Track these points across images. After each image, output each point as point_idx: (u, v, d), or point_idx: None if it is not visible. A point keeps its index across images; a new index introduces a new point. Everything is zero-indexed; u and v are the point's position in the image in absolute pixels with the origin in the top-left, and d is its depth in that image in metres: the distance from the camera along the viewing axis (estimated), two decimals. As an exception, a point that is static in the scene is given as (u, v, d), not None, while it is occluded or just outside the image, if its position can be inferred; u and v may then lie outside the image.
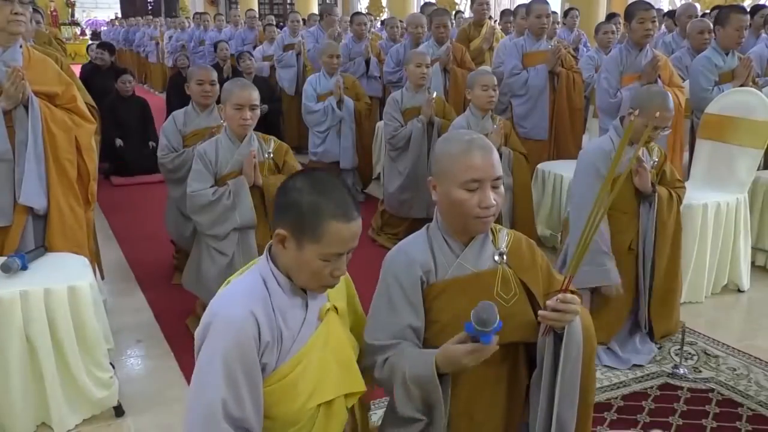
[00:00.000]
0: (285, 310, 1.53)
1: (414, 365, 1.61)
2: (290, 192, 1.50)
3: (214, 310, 1.50)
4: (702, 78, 4.34)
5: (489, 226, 1.73)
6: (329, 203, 1.46)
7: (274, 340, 1.50)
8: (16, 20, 2.65)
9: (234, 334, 1.44)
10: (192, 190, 3.06)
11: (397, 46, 6.17)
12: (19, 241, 2.76)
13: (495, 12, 13.99)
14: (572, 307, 1.57)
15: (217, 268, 3.05)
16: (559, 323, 1.59)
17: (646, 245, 3.00)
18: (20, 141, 2.73)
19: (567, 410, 1.65)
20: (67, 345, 2.46)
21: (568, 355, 1.61)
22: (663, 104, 2.86)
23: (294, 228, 1.48)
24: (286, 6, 22.89)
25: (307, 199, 1.47)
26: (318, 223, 1.46)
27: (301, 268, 1.51)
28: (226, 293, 1.55)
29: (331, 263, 1.51)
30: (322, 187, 1.48)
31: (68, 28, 22.99)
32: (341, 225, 1.47)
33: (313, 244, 1.47)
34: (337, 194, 1.48)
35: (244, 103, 3.00)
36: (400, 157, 4.55)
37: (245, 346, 1.44)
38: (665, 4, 13.49)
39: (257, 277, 1.54)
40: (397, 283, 1.69)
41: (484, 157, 1.66)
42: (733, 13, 4.31)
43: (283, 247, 1.51)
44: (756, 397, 2.76)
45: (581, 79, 4.99)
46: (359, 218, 1.51)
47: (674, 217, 3.08)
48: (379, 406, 2.63)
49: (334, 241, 1.47)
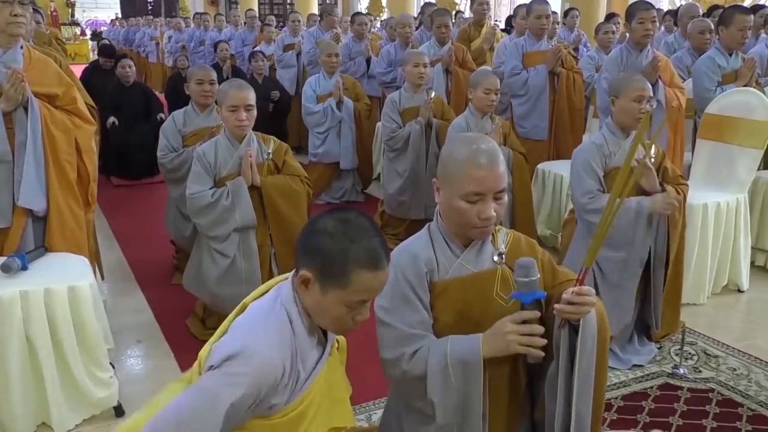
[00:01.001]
0: (305, 351, 1.51)
1: (457, 346, 1.61)
2: (319, 235, 1.44)
3: (246, 344, 1.42)
4: (705, 78, 4.34)
5: (488, 235, 1.74)
6: (359, 251, 1.41)
7: (290, 381, 1.47)
8: (16, 22, 2.65)
9: (258, 381, 1.39)
10: (191, 192, 3.06)
11: (388, 47, 6.15)
12: (19, 242, 2.76)
13: (495, 12, 14.00)
14: (588, 299, 1.58)
15: (219, 270, 3.05)
16: (575, 316, 1.59)
17: (658, 244, 3.00)
18: (20, 142, 2.72)
19: (583, 405, 1.64)
20: (67, 345, 2.46)
21: (584, 347, 1.61)
22: (637, 81, 2.95)
23: (320, 272, 1.43)
24: (286, 6, 22.90)
25: (337, 246, 1.42)
26: (346, 271, 1.41)
27: (324, 312, 1.48)
28: (256, 327, 1.47)
29: (356, 309, 1.47)
30: (353, 234, 1.43)
31: (68, 29, 22.98)
32: (370, 274, 1.42)
33: (339, 290, 1.43)
34: (369, 241, 1.43)
35: (240, 104, 2.99)
36: (399, 159, 4.55)
37: (257, 393, 1.41)
38: (665, 4, 13.49)
39: (284, 315, 1.48)
40: (405, 280, 1.70)
41: (489, 168, 1.64)
42: (737, 14, 4.30)
43: (306, 288, 1.47)
44: (756, 397, 2.76)
45: (581, 79, 4.99)
46: (388, 265, 1.47)
47: (682, 215, 3.08)
48: (379, 406, 2.63)
49: (362, 289, 1.43)
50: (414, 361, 1.65)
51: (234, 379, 1.38)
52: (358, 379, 2.85)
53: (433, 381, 1.62)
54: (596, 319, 1.63)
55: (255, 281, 3.04)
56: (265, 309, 1.50)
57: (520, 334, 1.59)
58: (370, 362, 2.95)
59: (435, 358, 1.62)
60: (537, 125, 4.87)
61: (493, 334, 1.61)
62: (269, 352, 1.41)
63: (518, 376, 1.77)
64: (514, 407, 1.77)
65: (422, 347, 1.65)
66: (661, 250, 2.97)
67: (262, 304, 1.53)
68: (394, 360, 1.68)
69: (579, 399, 1.63)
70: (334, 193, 5.69)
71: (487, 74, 4.03)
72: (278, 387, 1.44)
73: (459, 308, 1.70)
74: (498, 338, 1.60)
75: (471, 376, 1.61)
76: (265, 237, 3.12)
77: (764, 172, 4.16)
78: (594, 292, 1.61)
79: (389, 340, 1.69)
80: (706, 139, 4.03)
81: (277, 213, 3.11)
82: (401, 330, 1.67)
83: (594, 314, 1.63)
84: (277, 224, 3.12)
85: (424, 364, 1.63)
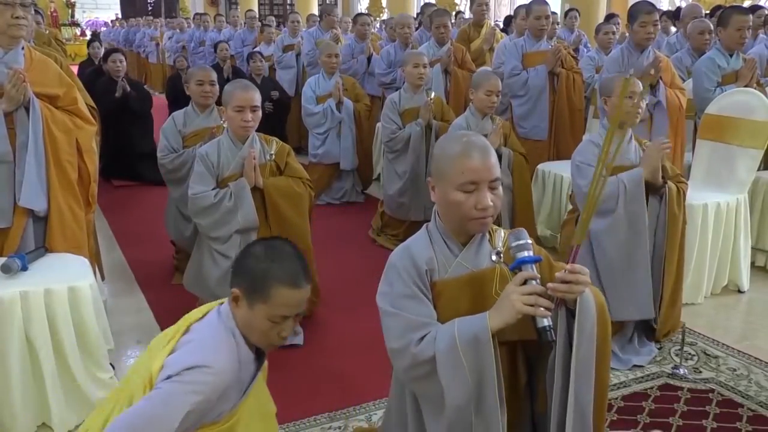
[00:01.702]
0: (246, 364, 1.70)
1: (465, 324, 1.60)
2: (248, 258, 1.68)
3: (205, 356, 1.59)
4: (705, 79, 4.34)
5: (487, 227, 1.74)
6: (279, 270, 1.64)
7: (234, 392, 1.67)
8: (17, 24, 2.65)
9: (214, 388, 1.58)
10: (194, 192, 3.06)
11: (387, 47, 6.14)
12: (19, 243, 2.76)
13: (495, 13, 14.00)
14: (581, 277, 1.58)
15: (219, 270, 3.05)
16: (570, 295, 1.59)
17: (657, 239, 3.00)
18: (21, 143, 2.72)
19: (585, 393, 1.63)
20: (67, 345, 2.46)
21: (582, 331, 1.60)
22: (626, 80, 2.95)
23: (246, 289, 1.65)
24: (285, 6, 22.89)
25: (261, 265, 1.65)
26: (267, 287, 1.63)
27: (252, 327, 1.67)
28: (209, 340, 1.65)
29: (279, 324, 1.66)
30: (276, 257, 1.66)
31: (68, 29, 22.99)
32: (288, 291, 1.64)
33: (262, 304, 1.64)
34: (290, 264, 1.65)
35: (245, 105, 3.00)
36: (399, 160, 4.54)
37: (213, 400, 1.59)
38: (665, 4, 13.49)
39: (228, 331, 1.68)
40: (408, 278, 1.70)
41: (481, 158, 1.67)
42: (734, 14, 4.30)
43: (237, 305, 1.67)
44: (756, 397, 2.76)
45: (581, 80, 4.99)
46: (307, 286, 1.68)
47: (683, 211, 3.08)
48: (379, 407, 2.63)
49: (282, 304, 1.64)
50: (422, 344, 1.63)
51: (195, 387, 1.55)
52: (358, 380, 2.86)
53: (443, 362, 1.59)
54: (595, 307, 1.63)
55: (255, 282, 3.04)
56: (213, 325, 1.69)
57: (524, 294, 1.58)
58: (370, 363, 2.96)
59: (443, 338, 1.60)
60: (537, 126, 4.87)
61: (499, 304, 1.60)
62: (224, 363, 1.61)
63: (518, 376, 1.78)
64: (514, 406, 1.77)
65: (430, 332, 1.64)
66: (660, 241, 2.98)
67: (209, 321, 1.71)
68: (402, 348, 1.65)
69: (579, 389, 1.61)
70: (334, 193, 5.69)
71: (488, 76, 4.03)
72: (229, 394, 1.64)
73: (459, 307, 1.70)
74: (503, 305, 1.59)
75: (482, 352, 1.58)
76: (266, 237, 3.13)
77: (764, 173, 4.17)
78: (588, 271, 1.60)
79: (396, 329, 1.67)
80: (707, 139, 4.04)
81: (278, 214, 3.11)
82: (408, 318, 1.66)
83: (592, 299, 1.63)
84: (279, 226, 3.12)
85: (432, 346, 1.61)
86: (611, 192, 2.88)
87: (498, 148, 3.82)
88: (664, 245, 3.01)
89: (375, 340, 1.75)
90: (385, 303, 1.71)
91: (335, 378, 2.89)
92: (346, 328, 3.36)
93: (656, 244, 3.02)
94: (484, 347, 1.58)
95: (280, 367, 2.99)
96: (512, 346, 1.74)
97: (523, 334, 1.70)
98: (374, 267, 1.85)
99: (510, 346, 1.73)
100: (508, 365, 1.74)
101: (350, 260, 4.35)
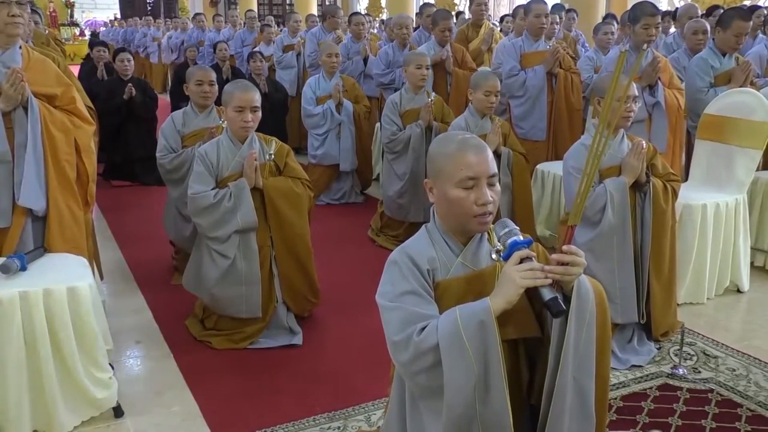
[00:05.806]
0: None
1: (466, 309, 1.59)
2: None
3: None
4: (697, 79, 4.33)
5: (487, 226, 1.74)
6: None
7: None
8: (13, 22, 2.65)
9: None
10: (193, 192, 3.06)
11: (385, 48, 6.12)
12: (18, 243, 2.76)
13: (494, 13, 13.99)
14: (577, 259, 1.58)
15: (218, 271, 3.05)
16: (567, 277, 1.58)
17: (644, 236, 3.00)
18: (19, 142, 2.72)
19: (586, 379, 1.62)
20: (66, 346, 2.45)
21: (581, 318, 1.60)
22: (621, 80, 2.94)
23: None
24: (285, 7, 22.89)
25: None
26: None
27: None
28: None
29: None
30: None
31: (67, 29, 22.97)
32: None
33: None
34: None
35: (246, 105, 3.01)
36: (398, 161, 4.54)
37: None
38: (664, 4, 13.49)
39: None
40: (411, 274, 1.70)
41: (477, 154, 1.68)
42: (736, 19, 4.23)
43: None
44: (755, 397, 2.76)
45: (579, 80, 4.99)
46: None
47: (671, 208, 3.08)
48: (378, 407, 2.63)
49: None
50: (424, 333, 1.60)
51: None
52: (358, 380, 2.86)
53: (447, 348, 1.56)
54: (593, 295, 1.63)
55: (255, 282, 3.04)
56: None
57: (523, 270, 1.57)
58: (369, 363, 2.95)
59: (446, 325, 1.58)
60: (535, 126, 4.87)
61: (499, 285, 1.60)
62: None
63: (519, 376, 1.77)
64: (514, 406, 1.76)
65: (431, 322, 1.62)
66: (646, 240, 2.99)
67: None
68: (404, 340, 1.62)
69: (581, 375, 1.61)
70: (333, 194, 5.69)
71: (487, 76, 4.03)
72: None
73: None
74: (504, 285, 1.58)
75: (486, 335, 1.56)
76: (266, 238, 3.12)
77: (763, 173, 4.17)
78: (583, 253, 1.60)
79: (397, 322, 1.65)
80: (706, 139, 4.04)
81: (278, 215, 3.11)
82: (409, 309, 1.64)
83: (589, 285, 1.63)
84: (278, 226, 3.12)
85: (435, 334, 1.58)
86: (599, 205, 2.90)
87: (497, 147, 3.83)
88: (650, 244, 3.00)
89: (374, 341, 1.75)
90: (386, 300, 1.69)
91: (334, 378, 2.89)
92: (345, 328, 3.36)
93: (642, 243, 3.01)
94: (487, 329, 1.55)
95: (279, 367, 2.99)
96: (513, 344, 1.74)
97: (524, 332, 1.70)
98: (374, 267, 1.85)
99: (511, 345, 1.72)
100: (510, 363, 1.74)
101: (350, 261, 4.35)
